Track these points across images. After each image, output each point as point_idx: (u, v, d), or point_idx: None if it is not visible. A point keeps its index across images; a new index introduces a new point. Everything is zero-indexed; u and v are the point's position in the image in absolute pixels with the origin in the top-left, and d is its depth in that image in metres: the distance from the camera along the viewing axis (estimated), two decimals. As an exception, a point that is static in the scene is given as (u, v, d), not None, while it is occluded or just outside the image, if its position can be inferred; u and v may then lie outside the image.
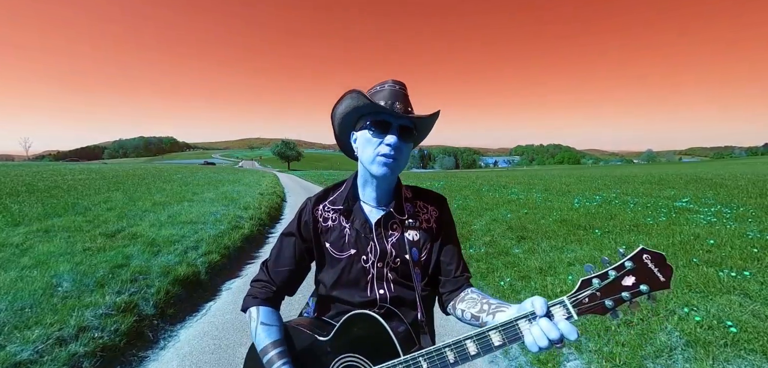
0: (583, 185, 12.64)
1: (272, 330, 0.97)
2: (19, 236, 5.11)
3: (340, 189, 1.08)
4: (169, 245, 4.82)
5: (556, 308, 0.75)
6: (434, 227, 1.06)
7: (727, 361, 2.23)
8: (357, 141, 1.00)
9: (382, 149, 0.92)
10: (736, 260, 3.69)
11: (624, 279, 0.72)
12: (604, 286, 0.73)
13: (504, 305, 0.87)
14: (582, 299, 0.74)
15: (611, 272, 0.73)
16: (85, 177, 16.45)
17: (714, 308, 2.78)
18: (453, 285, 1.04)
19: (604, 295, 0.73)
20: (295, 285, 1.08)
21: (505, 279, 3.90)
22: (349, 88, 0.93)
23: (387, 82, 0.96)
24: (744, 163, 35.65)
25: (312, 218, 1.04)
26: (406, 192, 1.07)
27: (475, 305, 0.93)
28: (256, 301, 1.02)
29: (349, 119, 0.99)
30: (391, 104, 0.92)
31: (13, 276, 3.44)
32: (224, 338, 2.90)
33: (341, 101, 0.95)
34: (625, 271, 0.72)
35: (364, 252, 1.00)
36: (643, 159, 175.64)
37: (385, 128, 0.92)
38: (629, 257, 0.73)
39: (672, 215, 6.26)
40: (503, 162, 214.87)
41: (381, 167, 0.93)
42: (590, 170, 31.87)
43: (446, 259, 1.05)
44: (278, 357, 0.92)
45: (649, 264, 0.71)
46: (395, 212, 1.02)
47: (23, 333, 2.44)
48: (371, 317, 0.90)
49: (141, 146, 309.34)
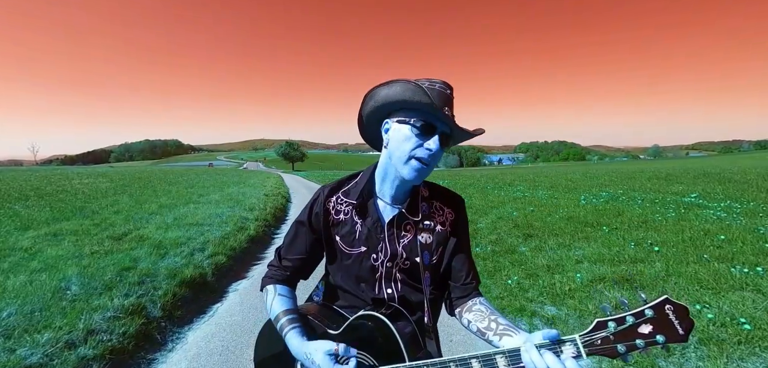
0: (589, 181, 12.55)
1: (285, 300, 1.02)
2: (28, 240, 5.16)
3: (355, 181, 1.05)
4: (175, 248, 4.84)
5: (567, 345, 0.73)
6: (448, 231, 1.02)
7: (741, 359, 2.19)
8: (390, 133, 0.93)
9: (419, 153, 0.87)
10: (748, 256, 3.64)
11: (641, 327, 0.70)
12: (619, 331, 0.71)
13: (512, 329, 0.85)
14: (594, 340, 0.73)
15: (629, 318, 0.71)
16: (92, 181, 16.60)
17: (726, 305, 2.73)
18: (461, 291, 1.02)
19: (617, 340, 0.71)
20: (308, 271, 1.11)
21: (512, 277, 3.87)
22: (398, 77, 0.90)
23: (437, 83, 0.89)
24: (752, 157, 35.19)
25: (323, 210, 1.02)
26: (423, 191, 1.03)
27: (482, 319, 0.92)
28: (272, 281, 1.07)
29: (389, 107, 0.92)
30: (441, 108, 0.86)
31: (22, 279, 3.46)
32: (232, 339, 2.90)
33: (389, 84, 0.89)
34: (644, 319, 0.70)
35: (374, 251, 0.99)
36: (649, 155, 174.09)
37: (430, 131, 0.87)
38: (651, 306, 0.70)
39: (681, 211, 6.19)
40: (507, 160, 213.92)
41: (413, 171, 0.89)
42: (596, 167, 31.62)
43: (457, 265, 1.03)
44: (289, 323, 0.96)
45: (671, 315, 0.69)
46: (409, 213, 0.99)
47: (33, 337, 2.45)
48: (380, 319, 0.91)
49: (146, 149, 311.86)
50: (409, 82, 0.86)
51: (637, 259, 4.01)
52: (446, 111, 0.87)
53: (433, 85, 0.88)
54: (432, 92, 0.86)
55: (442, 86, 0.88)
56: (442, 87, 0.88)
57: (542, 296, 3.35)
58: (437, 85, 0.88)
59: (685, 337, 0.69)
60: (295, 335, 0.94)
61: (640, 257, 4.04)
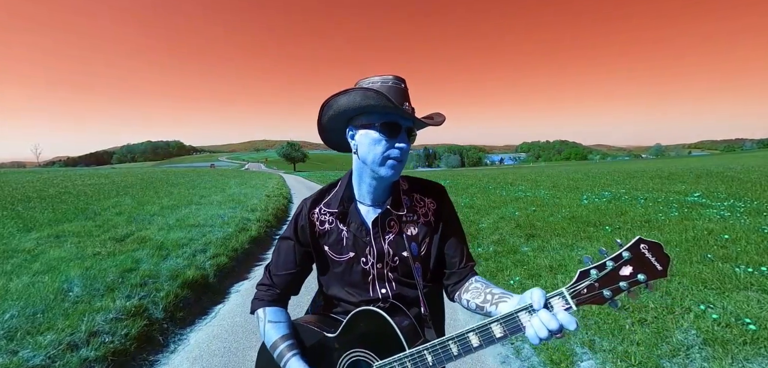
0: (591, 181, 12.51)
1: (280, 326, 1.01)
2: (31, 242, 5.18)
3: (335, 190, 1.05)
4: (177, 249, 4.84)
5: (556, 299, 0.76)
6: (433, 221, 1.03)
7: (746, 360, 2.17)
8: (357, 139, 0.94)
9: (393, 153, 0.90)
10: (752, 256, 3.61)
11: (621, 269, 0.73)
12: (601, 276, 0.74)
13: (507, 295, 0.88)
14: (580, 290, 0.75)
15: (609, 262, 0.74)
16: (94, 182, 16.65)
17: (731, 305, 2.71)
18: (458, 276, 1.03)
19: (602, 285, 0.74)
20: (298, 286, 1.10)
21: (514, 277, 3.85)
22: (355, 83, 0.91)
23: (389, 79, 0.90)
24: (756, 155, 35.04)
25: (308, 223, 1.03)
26: (402, 184, 1.04)
27: (479, 295, 0.94)
28: (262, 303, 1.05)
29: (348, 114, 0.93)
30: (401, 104, 0.88)
31: (25, 281, 3.48)
32: (234, 340, 2.90)
33: (347, 93, 0.88)
34: (623, 261, 0.73)
35: (362, 255, 0.99)
36: (651, 154, 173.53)
37: (396, 129, 0.89)
38: (626, 247, 0.73)
39: (684, 210, 6.16)
40: (509, 159, 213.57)
41: (390, 170, 0.91)
42: (598, 166, 31.54)
43: (450, 251, 1.04)
44: (288, 350, 0.96)
45: (647, 254, 0.72)
46: (392, 209, 0.99)
47: (35, 339, 2.45)
48: (376, 313, 0.92)
49: (148, 150, 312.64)
50: (368, 90, 0.86)
51: (640, 259, 3.98)
52: (406, 106, 0.89)
53: (387, 83, 0.89)
54: (390, 92, 0.88)
55: (395, 81, 0.90)
56: (396, 82, 0.90)
57: (545, 296, 3.34)
58: (390, 82, 0.90)
59: (664, 272, 0.71)
60: (296, 362, 0.94)
61: (643, 257, 4.01)
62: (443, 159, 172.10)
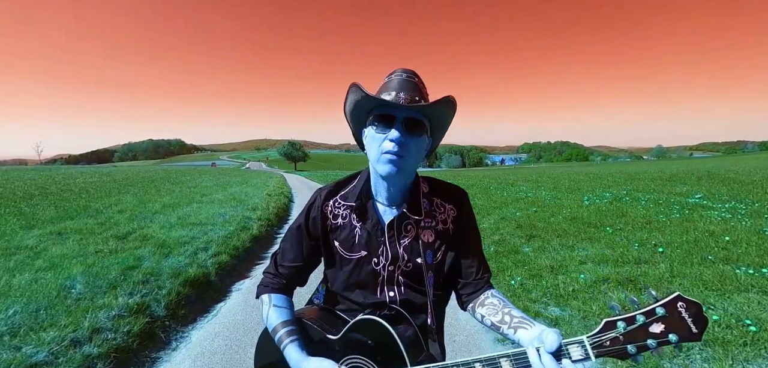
0: (592, 182, 12.50)
1: (283, 311, 1.00)
2: (33, 239, 5.19)
3: (353, 183, 1.02)
4: (179, 247, 4.85)
5: (574, 347, 0.71)
6: (451, 229, 0.99)
7: (746, 361, 2.17)
8: (366, 138, 0.93)
9: (386, 146, 0.85)
10: (753, 258, 3.62)
11: (652, 326, 0.67)
12: (629, 331, 0.68)
13: (527, 321, 0.82)
14: (603, 341, 0.69)
15: (639, 317, 0.67)
16: (96, 180, 16.70)
17: (731, 306, 2.71)
18: (473, 287, 0.99)
19: (627, 340, 0.68)
20: (304, 278, 1.08)
21: (515, 277, 3.86)
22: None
23: (395, 72, 0.89)
24: (757, 157, 34.95)
25: (321, 215, 1.00)
26: (423, 187, 1.00)
27: (495, 312, 0.90)
28: (267, 289, 1.04)
29: (357, 116, 0.92)
30: (396, 95, 0.84)
31: (27, 278, 3.49)
32: (235, 338, 2.91)
33: (346, 96, 0.89)
34: (655, 318, 0.67)
35: (374, 255, 0.96)
36: (653, 155, 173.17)
37: (389, 122, 0.85)
38: (662, 303, 0.67)
39: (685, 211, 6.16)
40: (510, 160, 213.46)
41: (386, 166, 0.86)
42: (599, 167, 31.49)
43: (467, 261, 1.00)
44: (287, 336, 0.95)
45: (684, 313, 0.66)
46: (409, 213, 0.95)
47: (38, 335, 2.47)
48: (379, 323, 0.88)
49: (149, 148, 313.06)
50: (353, 85, 0.85)
51: (641, 260, 3.99)
52: (402, 96, 0.84)
53: (391, 77, 0.89)
54: (387, 85, 0.87)
55: (400, 73, 0.89)
56: (400, 74, 0.88)
57: (546, 297, 3.34)
58: (395, 75, 0.89)
59: (698, 336, 0.65)
60: (294, 348, 0.93)
61: (644, 258, 4.02)
62: (444, 159, 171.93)
